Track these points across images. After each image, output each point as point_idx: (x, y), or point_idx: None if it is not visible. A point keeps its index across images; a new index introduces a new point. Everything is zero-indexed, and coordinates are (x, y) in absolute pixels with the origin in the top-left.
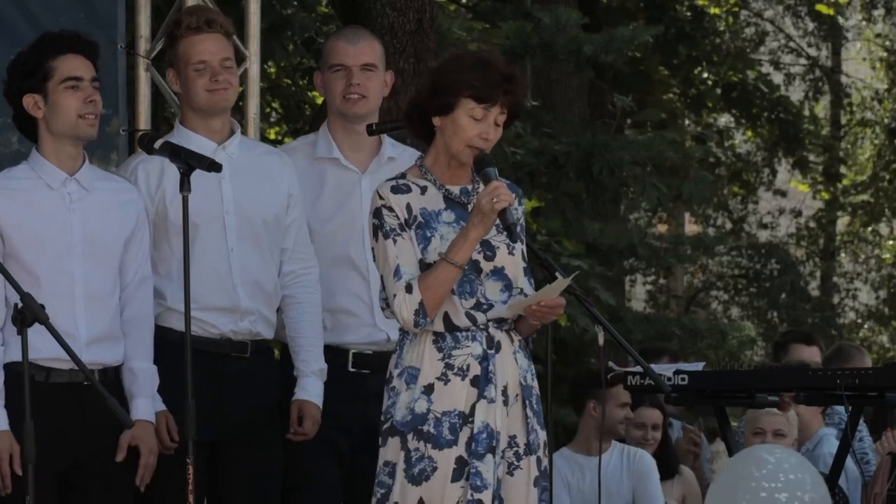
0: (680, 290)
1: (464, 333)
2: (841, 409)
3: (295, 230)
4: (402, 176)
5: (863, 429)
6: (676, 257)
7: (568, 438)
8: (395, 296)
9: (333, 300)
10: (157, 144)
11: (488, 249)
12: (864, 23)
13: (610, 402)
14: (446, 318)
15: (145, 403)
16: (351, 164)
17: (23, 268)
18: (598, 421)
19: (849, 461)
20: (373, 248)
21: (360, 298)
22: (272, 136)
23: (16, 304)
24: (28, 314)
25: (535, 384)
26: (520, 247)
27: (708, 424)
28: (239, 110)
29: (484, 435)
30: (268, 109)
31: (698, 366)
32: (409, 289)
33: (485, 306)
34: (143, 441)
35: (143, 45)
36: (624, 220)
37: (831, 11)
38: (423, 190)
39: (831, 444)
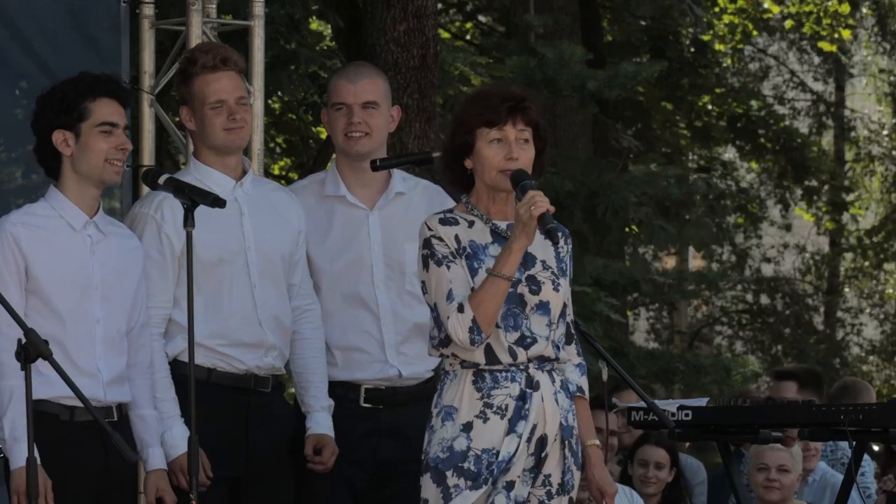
0: (684, 325)
1: (503, 374)
2: (844, 444)
3: (301, 266)
4: (450, 211)
5: (865, 463)
6: (680, 293)
7: None
8: (448, 318)
9: (344, 338)
10: (162, 180)
11: (533, 284)
12: (869, 58)
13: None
14: (488, 350)
15: (160, 453)
16: (359, 201)
17: (47, 306)
18: (603, 448)
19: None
20: (423, 281)
21: (371, 335)
22: (276, 171)
23: (19, 340)
24: (31, 350)
25: (577, 424)
26: (564, 283)
27: None
28: None
29: (505, 464)
30: (272, 144)
31: (702, 401)
32: (460, 308)
33: (529, 340)
34: (167, 491)
35: (146, 81)
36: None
37: (834, 48)
38: (471, 224)
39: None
